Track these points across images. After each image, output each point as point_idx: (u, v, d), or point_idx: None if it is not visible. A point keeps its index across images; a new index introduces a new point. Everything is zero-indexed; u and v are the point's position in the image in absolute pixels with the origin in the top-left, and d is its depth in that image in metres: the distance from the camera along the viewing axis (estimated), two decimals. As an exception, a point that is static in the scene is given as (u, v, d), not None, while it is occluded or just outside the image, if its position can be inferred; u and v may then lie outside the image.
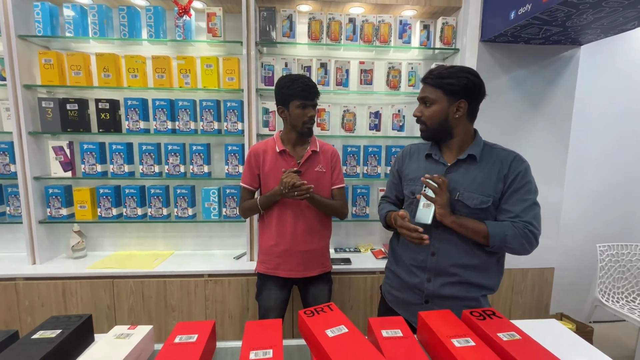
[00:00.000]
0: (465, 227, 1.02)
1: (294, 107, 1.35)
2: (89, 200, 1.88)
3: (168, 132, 1.87)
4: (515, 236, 1.01)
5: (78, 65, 1.80)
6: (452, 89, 1.03)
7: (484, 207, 1.04)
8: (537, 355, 0.74)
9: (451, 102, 1.04)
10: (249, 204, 1.45)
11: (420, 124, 1.11)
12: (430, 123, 1.08)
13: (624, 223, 2.49)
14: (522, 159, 1.06)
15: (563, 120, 1.89)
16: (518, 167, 1.04)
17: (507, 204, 1.04)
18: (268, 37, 1.85)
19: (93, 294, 1.75)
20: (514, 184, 1.03)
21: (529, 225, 1.01)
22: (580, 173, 2.36)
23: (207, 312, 1.80)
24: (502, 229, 1.01)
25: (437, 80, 1.04)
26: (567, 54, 1.83)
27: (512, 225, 1.01)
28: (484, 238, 1.02)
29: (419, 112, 1.10)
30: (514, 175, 1.03)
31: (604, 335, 2.39)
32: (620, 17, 1.37)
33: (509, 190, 1.04)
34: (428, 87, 1.07)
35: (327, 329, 0.78)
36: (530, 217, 1.02)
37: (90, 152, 1.85)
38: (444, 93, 1.04)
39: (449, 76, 1.03)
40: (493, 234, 1.00)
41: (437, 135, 1.10)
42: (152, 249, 2.09)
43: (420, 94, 1.10)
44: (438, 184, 1.00)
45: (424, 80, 1.09)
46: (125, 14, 1.80)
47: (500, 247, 1.02)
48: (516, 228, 1.01)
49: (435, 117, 1.06)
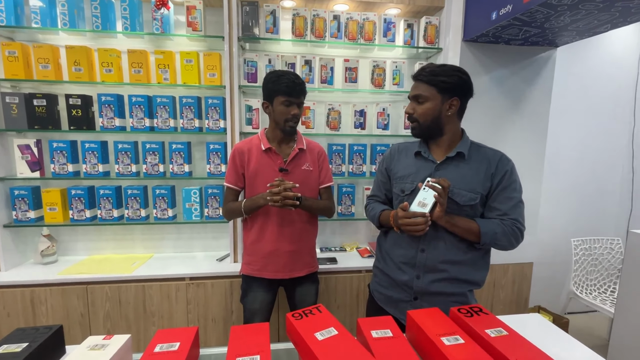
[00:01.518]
0: (458, 226, 1.03)
1: (278, 103, 1.32)
2: (59, 202, 1.77)
3: (146, 129, 1.79)
4: (505, 234, 1.04)
5: (46, 58, 1.69)
6: (445, 86, 1.04)
7: (472, 204, 1.06)
8: (523, 350, 0.75)
9: (444, 100, 1.05)
10: (233, 207, 1.39)
11: (412, 121, 1.11)
12: (423, 120, 1.07)
13: (596, 218, 2.61)
14: (508, 159, 1.09)
15: (541, 120, 1.95)
16: (505, 166, 1.07)
17: (495, 202, 1.07)
18: (251, 32, 1.80)
19: (65, 302, 1.65)
20: (502, 182, 1.05)
21: (517, 223, 1.05)
22: (554, 171, 2.45)
23: (189, 317, 1.74)
24: (492, 227, 1.03)
25: (431, 77, 1.04)
26: (545, 55, 1.89)
27: (501, 223, 1.04)
28: (476, 236, 1.04)
29: (411, 109, 1.10)
30: (502, 174, 1.06)
31: (579, 325, 2.50)
32: (595, 19, 1.42)
33: (497, 189, 1.06)
34: (421, 84, 1.06)
35: (317, 332, 0.76)
36: (517, 214, 1.06)
37: (60, 151, 1.74)
38: (438, 90, 1.04)
39: (442, 74, 1.04)
40: (484, 232, 1.02)
41: (428, 132, 1.10)
42: (130, 252, 2.00)
43: (413, 91, 1.09)
44: (443, 187, 0.98)
45: (416, 77, 1.08)
46: (98, 4, 1.70)
47: (490, 244, 1.05)
48: (505, 226, 1.04)
49: (429, 114, 1.06)
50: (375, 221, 1.22)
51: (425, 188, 1.01)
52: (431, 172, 1.09)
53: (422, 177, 1.10)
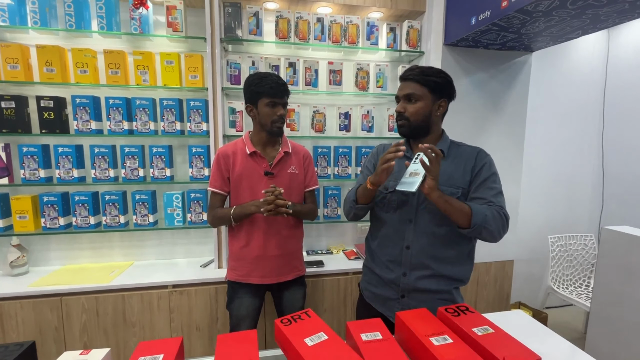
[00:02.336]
0: (450, 203, 0.97)
1: (263, 105, 1.30)
2: (30, 209, 1.68)
3: (124, 133, 1.73)
4: (494, 217, 1.01)
5: (15, 58, 1.60)
6: (436, 87, 1.06)
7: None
8: (509, 346, 0.76)
9: (434, 100, 1.07)
10: (220, 214, 1.35)
11: (401, 120, 1.10)
12: (414, 119, 1.08)
13: (570, 216, 2.72)
14: (486, 153, 1.12)
15: (518, 121, 2.02)
16: (483, 159, 1.10)
17: (477, 192, 1.06)
18: (233, 34, 1.77)
19: (37, 315, 1.56)
20: (482, 174, 1.07)
21: (503, 209, 1.04)
22: (530, 170, 2.54)
23: (172, 326, 1.68)
24: (482, 210, 1.00)
25: (423, 77, 1.05)
26: (521, 60, 1.96)
27: (489, 207, 1.02)
28: (466, 216, 0.98)
29: (401, 108, 1.09)
30: (481, 166, 1.08)
31: (557, 319, 2.60)
32: (568, 26, 1.49)
33: (477, 180, 1.07)
34: (412, 84, 1.07)
35: (306, 338, 0.74)
36: (501, 202, 1.06)
37: (31, 156, 1.65)
38: (429, 90, 1.06)
39: (433, 74, 1.05)
40: (475, 212, 0.98)
41: (416, 131, 1.11)
42: (108, 260, 1.92)
43: (404, 90, 1.09)
44: (437, 153, 0.93)
45: (406, 77, 1.08)
46: (72, 2, 1.63)
47: (480, 227, 0.99)
48: (494, 210, 1.02)
49: (420, 113, 1.07)
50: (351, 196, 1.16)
51: (416, 160, 0.99)
52: None
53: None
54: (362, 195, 1.12)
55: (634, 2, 1.24)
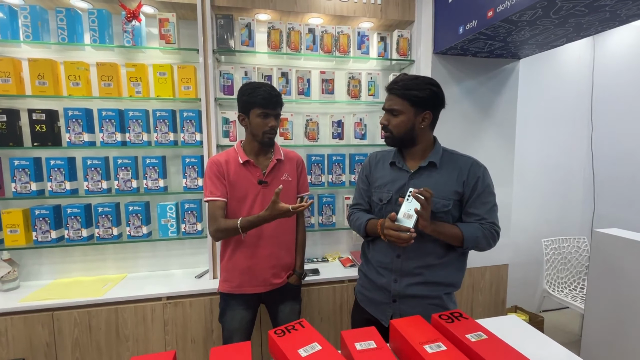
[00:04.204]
0: (443, 234, 1.05)
1: (255, 116, 1.30)
2: (21, 223, 1.66)
3: (117, 144, 1.72)
4: (485, 237, 1.08)
5: (6, 71, 1.60)
6: (418, 100, 1.06)
7: (445, 210, 1.09)
8: (502, 352, 0.77)
9: (417, 113, 1.08)
10: (226, 225, 1.26)
11: (386, 131, 1.13)
12: (397, 132, 1.10)
13: (563, 219, 2.75)
14: (479, 164, 1.13)
15: (508, 127, 2.06)
16: (476, 172, 1.10)
17: (472, 207, 1.10)
18: (226, 45, 1.79)
19: (28, 331, 1.53)
20: (476, 189, 1.09)
21: (494, 226, 1.10)
22: (522, 175, 2.57)
23: (166, 339, 1.66)
24: (474, 232, 1.07)
25: (404, 91, 1.06)
26: (509, 67, 2.00)
27: (480, 227, 1.08)
28: (459, 241, 1.07)
29: (385, 120, 1.12)
30: (474, 180, 1.09)
31: (553, 323, 2.60)
32: (552, 34, 1.53)
33: (472, 195, 1.10)
34: (395, 98, 1.08)
35: (300, 349, 0.74)
36: (493, 217, 1.11)
37: (22, 169, 1.63)
38: (410, 104, 1.07)
39: (415, 87, 1.06)
40: (467, 237, 1.06)
41: (401, 142, 1.13)
42: (101, 273, 1.89)
43: (387, 104, 1.11)
44: (426, 197, 0.97)
45: (390, 89, 1.10)
46: (64, 16, 1.64)
47: (471, 247, 1.09)
48: (485, 229, 1.08)
49: (402, 126, 1.09)
50: (361, 230, 1.19)
51: (409, 199, 1.01)
52: (405, 182, 1.12)
53: (398, 187, 1.13)
54: (372, 232, 1.16)
55: (614, 12, 1.29)
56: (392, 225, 1.01)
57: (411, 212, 1.00)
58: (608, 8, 1.25)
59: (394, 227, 1.00)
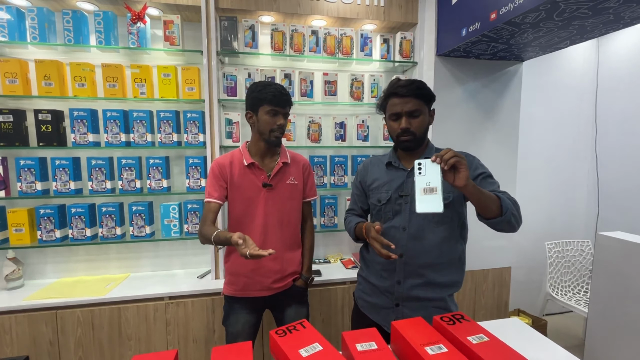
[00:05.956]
0: (482, 192, 0.93)
1: (263, 113, 1.28)
2: (26, 222, 1.68)
3: (122, 145, 1.74)
4: (514, 203, 1.00)
5: (13, 72, 1.62)
6: (429, 99, 1.11)
7: (446, 203, 1.05)
8: (505, 355, 0.76)
9: (428, 112, 1.13)
10: (205, 232, 1.21)
11: (408, 135, 1.08)
12: (419, 133, 1.10)
13: (566, 222, 2.74)
14: (472, 155, 1.14)
15: (512, 129, 2.05)
16: (471, 160, 1.12)
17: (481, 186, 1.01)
18: (230, 47, 1.81)
19: (32, 329, 1.54)
20: (478, 171, 1.09)
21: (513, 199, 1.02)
22: (525, 177, 2.56)
23: (168, 339, 1.67)
24: (504, 196, 0.99)
25: (418, 91, 1.08)
26: (512, 69, 2.00)
27: (504, 195, 1.00)
28: (496, 203, 0.95)
29: (407, 124, 1.07)
30: (473, 166, 1.10)
31: (556, 326, 2.58)
32: (555, 36, 1.53)
33: (478, 178, 1.08)
34: (412, 99, 1.06)
35: (301, 349, 0.74)
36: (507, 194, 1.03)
37: (28, 169, 1.65)
38: (425, 103, 1.10)
39: (423, 87, 1.09)
40: (503, 199, 0.97)
41: (420, 143, 1.13)
42: (104, 272, 1.91)
43: (405, 106, 1.07)
44: (448, 151, 0.88)
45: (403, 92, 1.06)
46: (70, 18, 1.66)
47: (510, 213, 0.96)
48: (508, 198, 1.00)
49: (423, 127, 1.11)
50: (351, 233, 1.25)
51: (420, 171, 0.87)
52: (404, 180, 1.12)
53: (396, 185, 1.13)
54: (360, 235, 1.17)
55: (618, 14, 1.28)
56: (377, 237, 1.02)
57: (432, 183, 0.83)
58: (612, 10, 1.25)
59: (378, 240, 1.01)
